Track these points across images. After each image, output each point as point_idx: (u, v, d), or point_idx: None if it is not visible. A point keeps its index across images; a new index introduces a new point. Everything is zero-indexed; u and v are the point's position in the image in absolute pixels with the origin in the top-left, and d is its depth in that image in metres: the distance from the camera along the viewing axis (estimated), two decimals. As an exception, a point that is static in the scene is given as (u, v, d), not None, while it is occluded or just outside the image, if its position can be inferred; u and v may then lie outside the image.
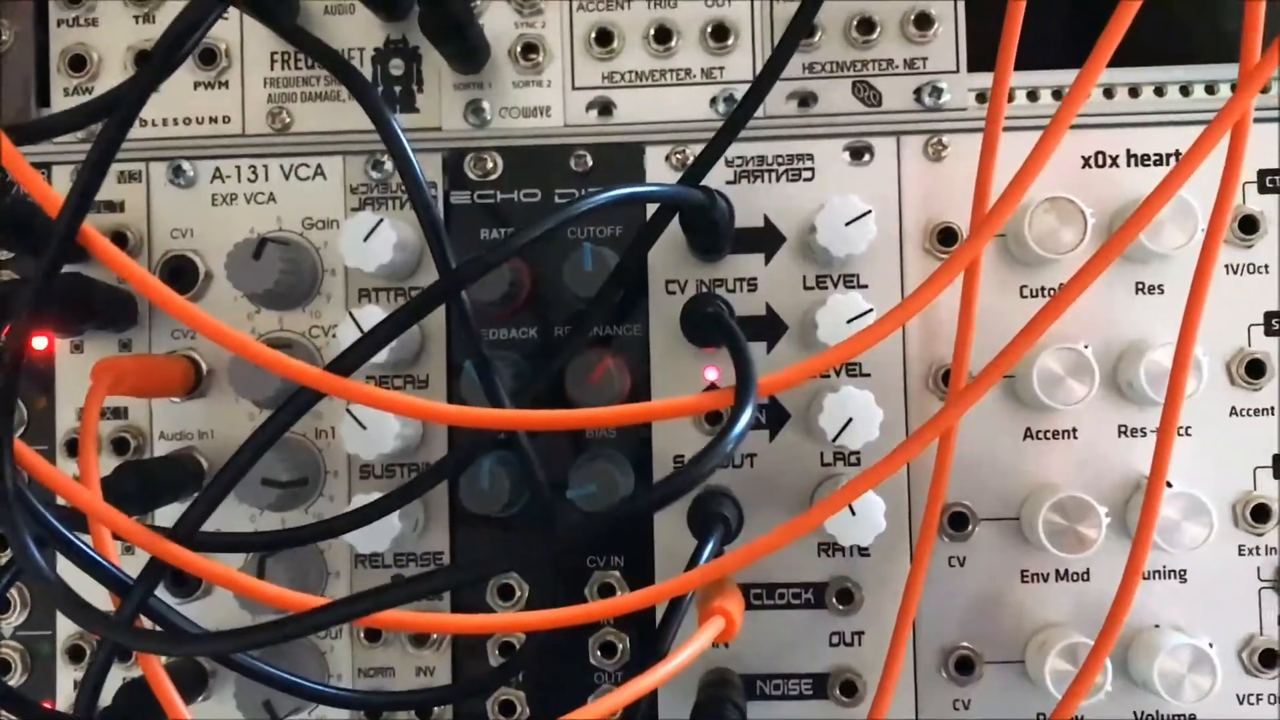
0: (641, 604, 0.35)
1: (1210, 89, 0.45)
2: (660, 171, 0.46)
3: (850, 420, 0.42)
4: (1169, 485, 0.43)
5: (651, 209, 0.43)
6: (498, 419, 0.33)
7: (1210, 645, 0.42)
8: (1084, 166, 0.45)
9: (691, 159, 0.45)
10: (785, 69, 0.45)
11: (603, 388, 0.42)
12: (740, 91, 0.45)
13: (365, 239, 0.42)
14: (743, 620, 0.43)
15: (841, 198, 0.42)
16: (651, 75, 0.46)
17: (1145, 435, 0.45)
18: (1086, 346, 0.43)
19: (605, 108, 0.46)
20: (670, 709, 0.45)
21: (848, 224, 0.42)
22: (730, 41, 0.46)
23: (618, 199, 0.36)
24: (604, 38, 0.46)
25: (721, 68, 0.46)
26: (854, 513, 0.42)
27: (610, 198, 0.36)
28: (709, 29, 0.46)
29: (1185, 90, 0.46)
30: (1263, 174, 0.45)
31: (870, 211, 0.42)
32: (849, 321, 0.42)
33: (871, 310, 0.42)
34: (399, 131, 0.37)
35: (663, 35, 0.46)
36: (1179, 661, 0.42)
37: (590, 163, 0.46)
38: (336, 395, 0.32)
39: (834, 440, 0.42)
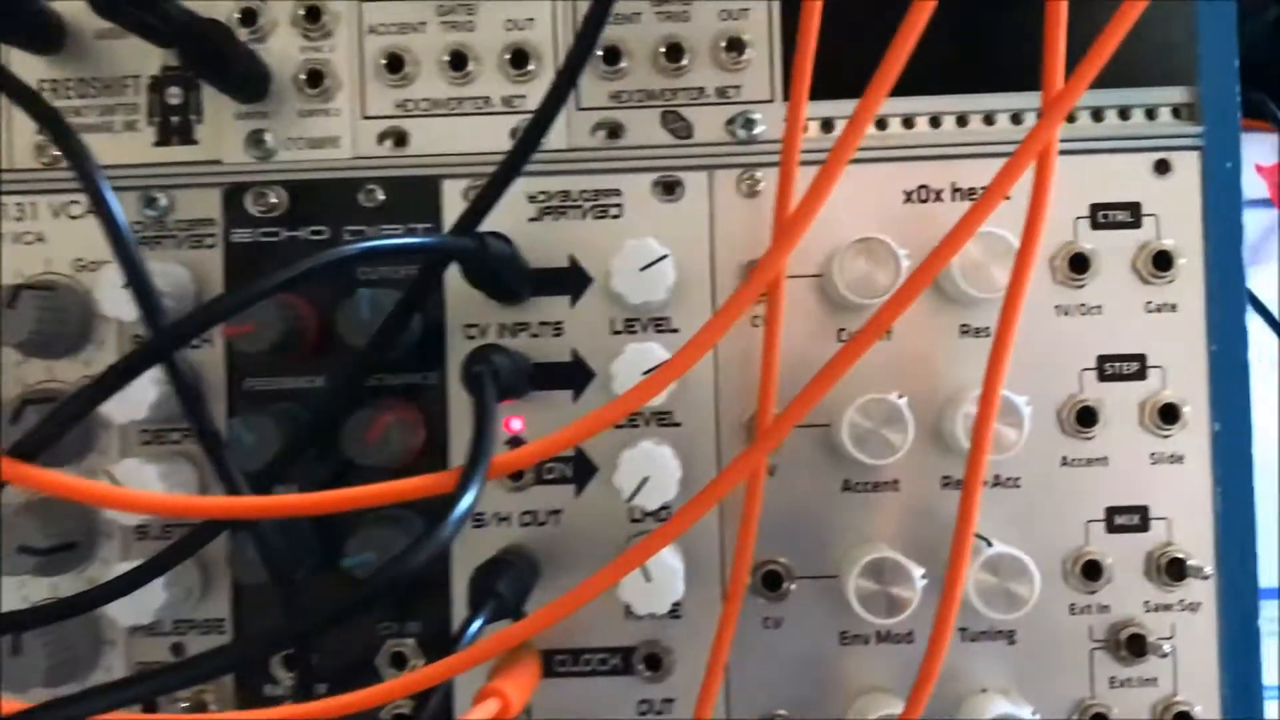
0: (384, 699, 0.32)
1: (1042, 118, 0.42)
2: (458, 206, 0.43)
3: (646, 479, 0.39)
4: (989, 544, 0.40)
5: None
6: (185, 507, 0.30)
7: (1034, 713, 0.40)
8: (906, 201, 0.42)
9: (491, 194, 0.42)
10: (590, 98, 0.42)
11: (381, 447, 0.39)
12: (543, 121, 0.42)
13: (125, 284, 0.39)
14: (538, 689, 0.40)
15: (637, 241, 0.40)
16: (448, 104, 0.43)
17: (972, 487, 0.42)
18: (901, 396, 0.40)
19: (399, 138, 0.43)
20: (471, 782, 0.42)
21: (643, 269, 0.40)
22: (531, 68, 0.42)
23: (353, 255, 0.33)
24: (396, 64, 0.43)
25: (522, 96, 0.43)
26: (649, 579, 0.39)
27: (342, 254, 0.32)
28: (508, 55, 0.42)
29: (1016, 119, 0.43)
30: (1095, 208, 0.42)
31: (667, 255, 0.40)
32: (646, 374, 0.39)
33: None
34: (88, 157, 0.34)
35: (459, 61, 0.42)
36: (999, 732, 0.40)
37: (382, 197, 0.43)
38: (12, 483, 0.29)
39: (629, 500, 0.39)
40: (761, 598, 0.42)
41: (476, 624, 0.36)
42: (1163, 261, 0.42)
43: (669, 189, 0.43)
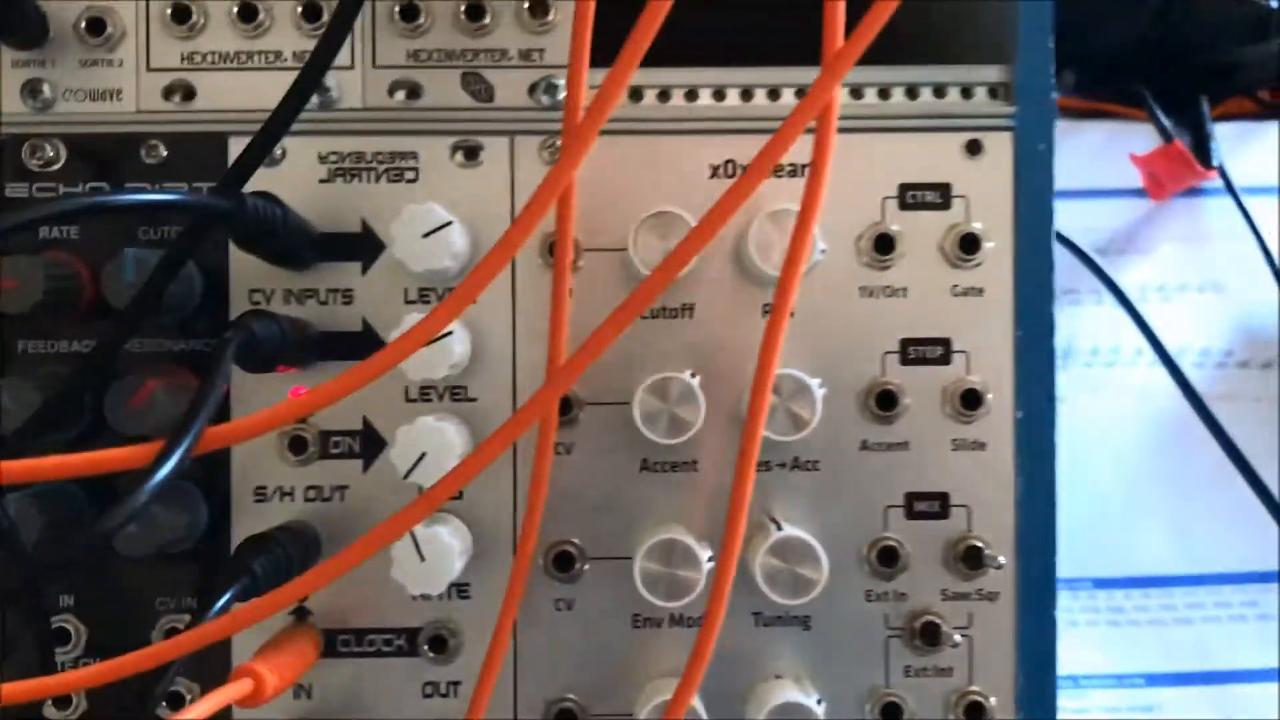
0: (105, 679, 0.31)
1: (856, 93, 0.41)
2: (247, 167, 0.41)
3: (424, 455, 0.38)
4: (779, 527, 0.39)
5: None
6: None
7: (819, 702, 0.39)
8: (712, 176, 0.41)
9: (281, 152, 0.41)
10: (386, 56, 0.40)
11: (146, 414, 0.38)
12: (337, 78, 0.41)
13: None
14: (320, 669, 0.39)
15: (419, 206, 0.38)
16: (238, 57, 0.41)
17: (771, 469, 0.41)
18: (695, 375, 0.39)
19: (186, 93, 0.41)
20: (247, 764, 0.41)
21: (426, 235, 0.38)
22: (325, 21, 0.41)
23: (79, 209, 0.31)
24: (183, 13, 0.40)
25: (315, 52, 0.41)
26: (423, 558, 0.38)
27: (69, 207, 0.31)
28: (300, 8, 0.41)
29: (829, 94, 0.41)
30: (904, 189, 0.41)
31: (451, 223, 0.38)
32: (428, 344, 0.38)
33: (450, 333, 0.38)
34: None
35: (248, 13, 0.40)
36: (783, 717, 0.39)
37: (165, 154, 0.41)
38: None
39: (405, 477, 0.38)
40: (553, 579, 0.41)
41: (221, 601, 0.34)
42: (970, 244, 0.41)
43: (470, 154, 0.41)
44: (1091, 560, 0.66)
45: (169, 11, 0.40)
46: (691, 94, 0.41)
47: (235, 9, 0.40)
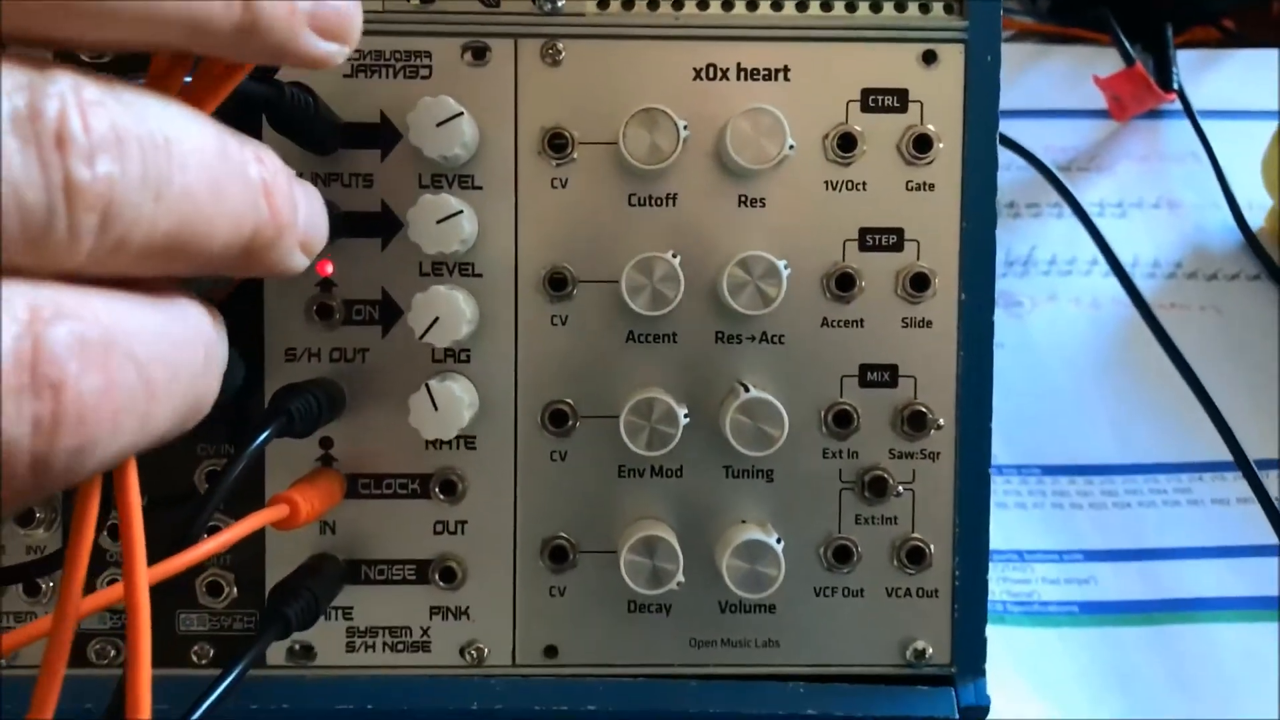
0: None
1: (826, 5, 0.46)
2: (278, 62, 0.45)
3: (436, 319, 0.43)
4: (747, 389, 0.45)
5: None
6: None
7: (779, 541, 0.45)
8: (695, 79, 0.46)
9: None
10: (404, -37, 0.45)
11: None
12: (360, -16, 0.45)
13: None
14: (341, 508, 0.45)
15: (434, 98, 0.43)
16: (270, -38, 0.45)
17: (742, 341, 0.47)
18: (675, 255, 0.44)
19: (223, -7, 0.45)
20: (282, 590, 0.47)
21: (439, 124, 0.43)
22: (349, -69, 0.45)
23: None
24: (220, -80, 0.45)
25: (340, -42, 0.45)
26: (437, 407, 0.43)
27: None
28: (326, -83, 0.45)
29: (802, 5, 0.46)
30: (866, 93, 0.46)
31: (462, 113, 0.43)
32: (438, 222, 0.43)
33: (461, 212, 0.43)
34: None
35: (279, -79, 0.45)
36: (745, 555, 0.45)
37: (205, 50, 0.45)
38: None
39: (421, 338, 0.43)
40: (549, 433, 0.47)
41: (262, 436, 0.40)
42: (924, 144, 0.46)
43: (477, 54, 0.46)
44: (1041, 449, 0.72)
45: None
46: (678, 3, 0.46)
47: (267, -83, 0.45)
